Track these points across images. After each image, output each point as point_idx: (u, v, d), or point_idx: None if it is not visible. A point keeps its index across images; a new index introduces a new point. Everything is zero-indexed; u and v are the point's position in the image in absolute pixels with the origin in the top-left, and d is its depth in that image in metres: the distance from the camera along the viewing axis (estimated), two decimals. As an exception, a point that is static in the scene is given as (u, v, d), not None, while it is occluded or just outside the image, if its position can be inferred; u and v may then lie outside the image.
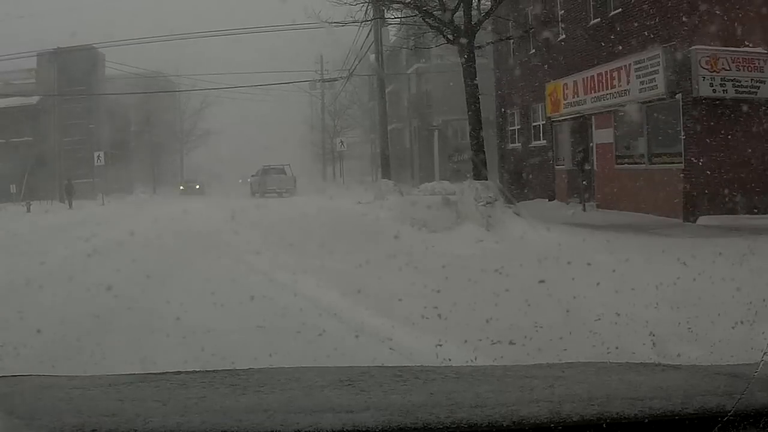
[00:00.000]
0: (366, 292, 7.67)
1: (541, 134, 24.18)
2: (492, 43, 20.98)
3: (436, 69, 38.47)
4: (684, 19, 15.63)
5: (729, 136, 15.11)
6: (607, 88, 18.40)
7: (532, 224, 13.31)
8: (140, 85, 48.41)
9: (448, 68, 29.93)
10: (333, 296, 7.84)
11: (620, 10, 18.24)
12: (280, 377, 2.33)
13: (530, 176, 24.59)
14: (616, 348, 5.09)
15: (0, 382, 2.22)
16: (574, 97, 20.39)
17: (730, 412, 1.67)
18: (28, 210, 32.13)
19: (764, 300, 5.64)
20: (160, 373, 2.46)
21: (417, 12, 18.22)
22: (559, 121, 22.25)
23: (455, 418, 1.65)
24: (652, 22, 16.63)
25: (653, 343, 5.22)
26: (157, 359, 5.28)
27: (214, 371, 2.49)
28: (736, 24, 14.95)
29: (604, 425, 1.64)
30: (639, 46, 16.96)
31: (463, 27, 16.85)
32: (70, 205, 33.35)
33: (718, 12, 15.04)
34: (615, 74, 17.92)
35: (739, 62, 15.18)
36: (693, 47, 15.17)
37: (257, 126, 70.31)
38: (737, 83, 15.19)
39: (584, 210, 19.19)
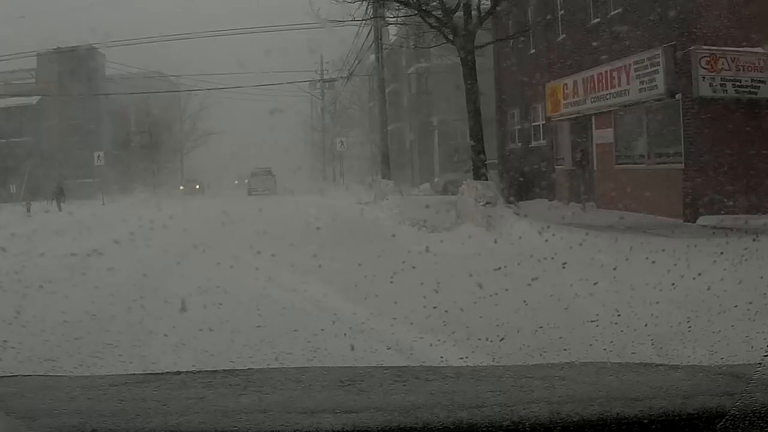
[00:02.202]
0: (365, 292, 7.67)
1: (541, 134, 24.18)
2: (492, 42, 20.98)
3: (436, 69, 38.47)
4: (684, 19, 15.64)
5: (729, 136, 15.10)
6: (607, 88, 18.40)
7: (532, 224, 13.31)
8: (140, 85, 48.41)
9: (448, 68, 29.93)
10: (332, 295, 7.84)
11: (620, 10, 18.24)
12: (280, 377, 2.33)
13: (530, 176, 24.59)
14: (614, 346, 5.10)
15: (0, 382, 2.23)
16: (574, 97, 20.39)
17: (729, 412, 1.67)
18: (28, 210, 32.07)
19: (764, 300, 5.65)
20: (160, 373, 2.46)
21: (417, 12, 18.23)
22: (559, 120, 22.26)
23: (455, 418, 1.65)
24: (652, 22, 16.63)
25: (652, 343, 5.22)
26: (156, 359, 5.29)
27: (214, 371, 2.49)
28: (736, 24, 14.95)
29: (604, 425, 1.64)
30: (639, 46, 16.95)
31: (462, 27, 16.85)
32: (59, 207, 32.97)
33: (718, 12, 15.04)
34: (615, 74, 17.92)
35: (739, 62, 15.18)
36: (693, 47, 15.17)
37: (257, 126, 70.37)
38: (737, 83, 15.18)
39: (584, 210, 19.19)
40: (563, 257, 9.22)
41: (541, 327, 5.88)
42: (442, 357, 5.12)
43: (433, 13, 17.64)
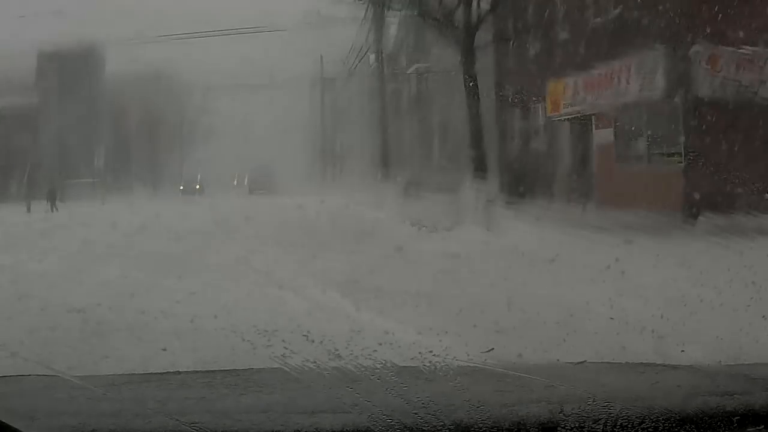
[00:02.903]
0: (365, 292, 7.67)
1: (541, 134, 24.16)
2: (492, 42, 20.97)
3: (436, 69, 38.41)
4: (684, 19, 15.63)
5: (729, 136, 15.08)
6: (607, 88, 18.39)
7: (532, 224, 13.31)
8: (140, 85, 48.42)
9: (449, 68, 29.87)
10: (332, 295, 7.83)
11: (620, 9, 18.22)
12: (280, 377, 2.33)
13: (530, 176, 24.55)
14: (614, 346, 5.09)
15: (0, 382, 2.22)
16: (574, 97, 20.38)
17: (730, 412, 1.67)
18: (28, 210, 32.08)
19: (764, 300, 5.64)
20: (160, 373, 2.46)
21: (417, 12, 18.23)
22: (559, 121, 22.24)
23: (455, 418, 1.64)
24: (652, 22, 16.62)
25: (652, 343, 5.21)
26: (157, 359, 5.29)
27: (214, 371, 2.49)
28: (736, 24, 14.93)
29: (604, 425, 1.64)
30: (639, 46, 16.94)
31: (462, 27, 16.86)
32: (53, 208, 32.76)
33: (718, 11, 15.02)
34: (615, 74, 17.91)
35: (739, 62, 15.17)
36: (693, 47, 15.16)
37: (257, 126, 70.32)
38: (737, 83, 15.17)
39: (584, 210, 19.18)
40: (563, 257, 9.22)
41: (541, 327, 5.88)
42: (439, 356, 5.12)
43: (433, 12, 17.63)
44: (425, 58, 39.60)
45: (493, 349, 5.41)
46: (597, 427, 1.64)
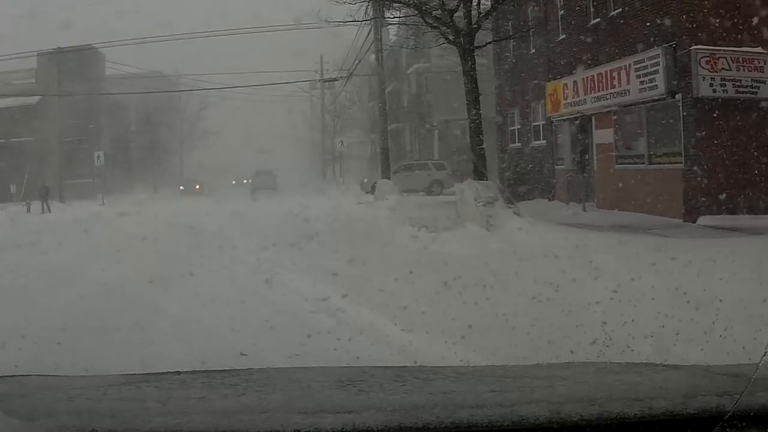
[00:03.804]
0: (365, 292, 7.67)
1: (541, 134, 24.17)
2: (492, 42, 20.98)
3: (436, 69, 38.46)
4: (684, 19, 15.64)
5: (729, 136, 15.10)
6: (607, 88, 18.39)
7: (532, 224, 13.31)
8: (140, 85, 48.42)
9: (448, 68, 29.90)
10: (333, 296, 7.83)
11: (620, 10, 18.24)
12: (280, 377, 2.33)
13: (530, 176, 24.58)
14: (614, 346, 5.09)
15: (0, 382, 2.22)
16: (574, 97, 20.39)
17: (730, 412, 1.67)
18: (28, 210, 32.09)
19: (764, 300, 5.64)
20: (160, 374, 2.46)
21: (417, 12, 18.22)
22: (559, 121, 22.25)
23: (455, 418, 1.64)
24: (652, 22, 16.63)
25: (652, 343, 5.21)
26: (158, 356, 5.29)
27: (214, 371, 2.49)
28: (736, 24, 14.94)
29: (604, 425, 1.64)
30: (639, 46, 16.96)
31: (462, 27, 16.85)
32: (46, 209, 32.54)
33: (718, 12, 15.03)
34: (615, 74, 17.92)
35: (739, 62, 15.18)
36: (693, 47, 15.17)
37: (257, 126, 70.49)
38: (737, 83, 15.18)
39: (584, 210, 19.19)
40: (564, 258, 9.22)
41: (541, 327, 5.88)
42: (437, 355, 5.12)
43: (433, 12, 17.63)
44: (425, 58, 39.67)
45: (504, 338, 5.42)
46: (597, 427, 1.64)
